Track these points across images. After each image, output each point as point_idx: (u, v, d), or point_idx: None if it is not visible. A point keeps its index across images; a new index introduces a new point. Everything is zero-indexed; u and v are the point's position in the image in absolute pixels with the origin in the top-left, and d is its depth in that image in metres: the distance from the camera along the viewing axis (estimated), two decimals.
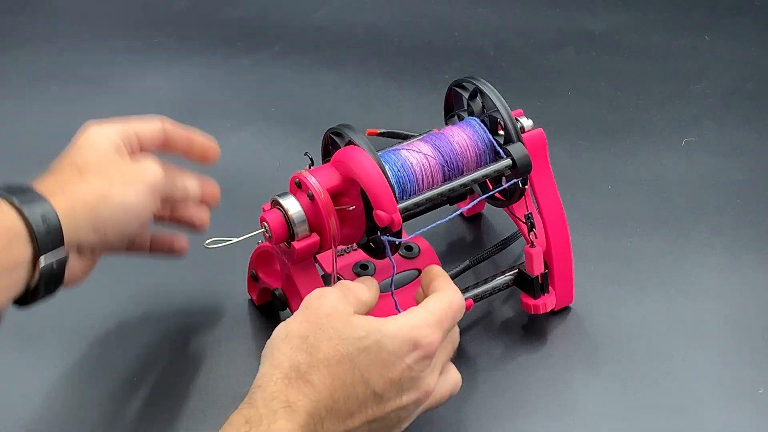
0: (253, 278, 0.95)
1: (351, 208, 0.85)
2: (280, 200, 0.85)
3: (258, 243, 0.93)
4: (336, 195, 0.85)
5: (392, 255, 0.87)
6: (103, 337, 0.95)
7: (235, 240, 0.87)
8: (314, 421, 0.73)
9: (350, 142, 0.86)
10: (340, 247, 0.91)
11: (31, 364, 0.93)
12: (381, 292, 0.91)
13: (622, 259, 1.01)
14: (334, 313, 0.77)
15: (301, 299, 0.80)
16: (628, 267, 1.00)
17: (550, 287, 0.93)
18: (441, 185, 0.88)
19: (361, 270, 0.93)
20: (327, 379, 0.74)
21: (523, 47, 1.27)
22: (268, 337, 0.78)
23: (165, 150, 0.88)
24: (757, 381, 0.90)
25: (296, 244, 0.84)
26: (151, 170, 0.82)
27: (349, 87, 1.23)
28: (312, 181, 0.84)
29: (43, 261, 0.75)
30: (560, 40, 1.28)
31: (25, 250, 0.75)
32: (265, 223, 0.85)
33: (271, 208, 0.86)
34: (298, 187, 0.85)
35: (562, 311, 0.96)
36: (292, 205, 0.85)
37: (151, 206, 0.82)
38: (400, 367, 0.75)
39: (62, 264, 0.77)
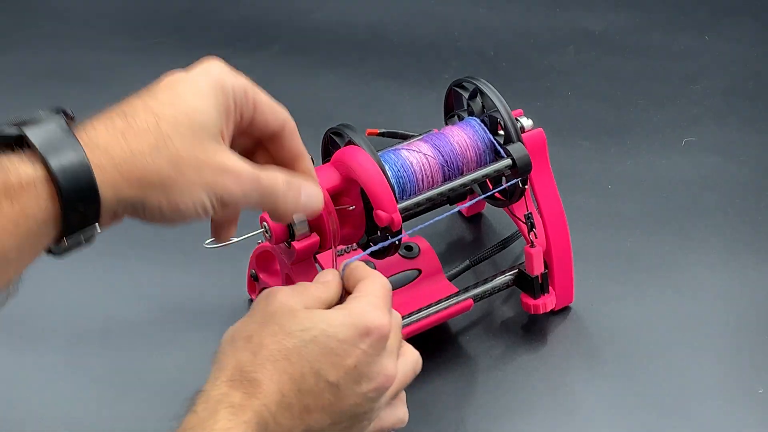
0: (253, 278, 0.95)
1: (351, 208, 0.85)
2: None
3: (258, 243, 0.93)
4: (336, 195, 0.85)
5: (392, 255, 0.88)
6: (104, 337, 0.95)
7: (235, 240, 0.87)
8: (264, 418, 0.70)
9: (350, 142, 0.86)
10: (340, 247, 0.91)
11: (31, 364, 0.93)
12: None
13: (622, 259, 1.01)
14: (281, 309, 0.74)
15: None
16: (628, 267, 1.00)
17: (550, 287, 0.93)
18: (441, 185, 0.88)
19: None
20: (274, 375, 0.71)
21: (523, 47, 1.27)
22: None
23: (266, 145, 0.75)
24: (757, 381, 0.90)
25: (296, 244, 0.84)
26: (232, 180, 0.68)
27: (349, 87, 1.23)
28: None
29: (69, 239, 0.65)
30: (560, 40, 1.28)
31: (50, 233, 0.64)
32: (265, 223, 0.85)
33: None
34: None
35: (562, 311, 0.96)
36: None
37: (209, 213, 0.69)
38: (354, 354, 0.72)
39: (91, 237, 0.66)
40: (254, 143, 0.75)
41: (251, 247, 0.93)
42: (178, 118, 0.67)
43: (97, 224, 0.65)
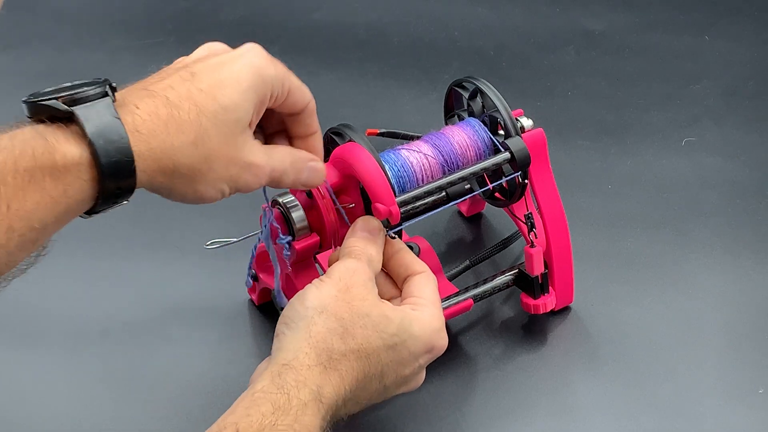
0: (253, 278, 0.95)
1: (351, 206, 0.85)
2: (280, 200, 0.85)
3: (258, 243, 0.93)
4: (335, 193, 0.85)
5: None
6: (104, 337, 0.95)
7: (235, 240, 0.87)
8: (331, 413, 0.74)
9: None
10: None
11: (31, 364, 0.93)
12: None
13: (622, 259, 1.01)
14: (368, 298, 0.77)
15: None
16: (628, 267, 1.00)
17: (550, 287, 0.93)
18: (440, 179, 0.87)
19: None
20: (353, 372, 0.74)
21: (523, 47, 1.27)
22: (268, 337, 0.77)
23: (284, 119, 0.78)
24: (757, 381, 0.90)
25: (296, 244, 0.84)
26: (252, 174, 0.72)
27: (349, 87, 1.23)
28: None
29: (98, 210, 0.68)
30: (560, 40, 1.28)
31: (85, 209, 0.67)
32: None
33: (271, 207, 0.86)
34: None
35: (562, 311, 0.96)
36: (292, 205, 0.85)
37: (224, 197, 0.73)
38: (412, 366, 0.78)
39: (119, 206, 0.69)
40: (270, 117, 0.78)
41: (251, 247, 0.93)
42: (218, 115, 0.70)
43: (127, 200, 0.68)
